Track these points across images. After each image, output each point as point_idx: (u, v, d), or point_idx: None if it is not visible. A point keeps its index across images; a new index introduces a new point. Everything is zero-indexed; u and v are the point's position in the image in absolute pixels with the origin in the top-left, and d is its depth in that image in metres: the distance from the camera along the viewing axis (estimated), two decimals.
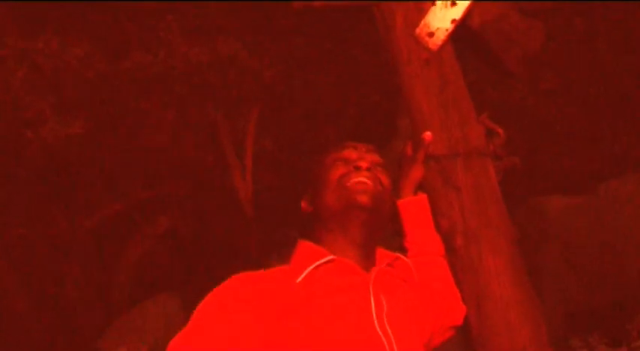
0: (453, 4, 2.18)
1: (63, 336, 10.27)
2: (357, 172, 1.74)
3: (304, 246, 1.75)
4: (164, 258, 11.91)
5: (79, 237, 10.87)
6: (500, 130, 2.22)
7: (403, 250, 2.05)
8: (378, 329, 1.57)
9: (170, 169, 10.93)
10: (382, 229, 1.80)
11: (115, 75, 8.85)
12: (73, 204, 10.89)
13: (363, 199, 1.70)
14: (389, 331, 1.59)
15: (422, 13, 2.20)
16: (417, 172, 2.09)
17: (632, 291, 6.43)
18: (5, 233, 10.28)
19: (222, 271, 1.70)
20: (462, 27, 2.23)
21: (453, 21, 2.18)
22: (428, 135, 2.09)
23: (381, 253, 1.80)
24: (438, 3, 2.18)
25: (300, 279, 1.61)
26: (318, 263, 1.65)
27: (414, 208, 2.07)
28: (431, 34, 2.18)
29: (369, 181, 1.73)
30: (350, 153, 1.81)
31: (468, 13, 2.21)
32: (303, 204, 1.85)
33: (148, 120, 9.63)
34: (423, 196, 2.10)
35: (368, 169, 1.75)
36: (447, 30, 2.18)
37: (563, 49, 9.23)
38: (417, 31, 2.19)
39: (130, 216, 11.37)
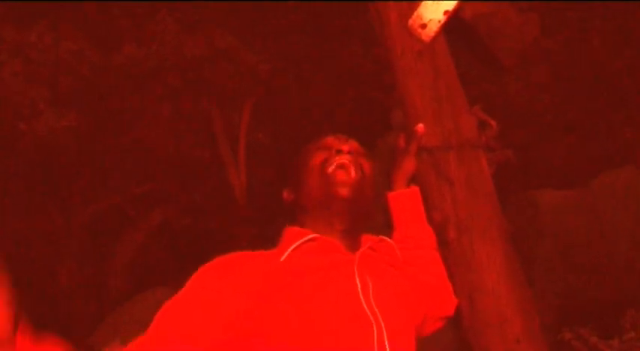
0: None
1: (56, 330, 10.25)
2: (339, 155, 1.75)
3: (289, 230, 1.76)
4: (158, 252, 11.91)
5: (73, 231, 10.86)
6: (492, 122, 2.22)
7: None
8: (366, 308, 1.58)
9: (164, 163, 10.91)
10: (366, 216, 1.80)
11: (108, 69, 8.83)
12: (67, 198, 10.88)
13: (343, 191, 1.70)
14: (376, 310, 1.59)
15: (415, 6, 2.20)
16: (409, 165, 2.09)
17: (624, 284, 6.45)
18: None
19: None
20: (454, 19, 2.22)
21: (446, 12, 2.17)
22: (420, 127, 2.09)
23: (365, 238, 1.80)
24: None
25: (283, 257, 1.63)
26: (301, 241, 1.66)
27: (405, 200, 2.06)
28: (423, 26, 2.18)
29: (351, 168, 1.73)
30: (331, 141, 1.81)
31: (461, 5, 2.21)
32: (285, 194, 1.86)
33: (142, 114, 9.62)
34: (415, 189, 2.09)
35: (349, 153, 1.76)
36: (439, 22, 2.18)
37: (556, 43, 9.23)
38: (410, 22, 2.19)
39: (124, 210, 11.37)
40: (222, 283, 1.56)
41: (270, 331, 1.50)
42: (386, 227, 2.07)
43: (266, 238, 1.84)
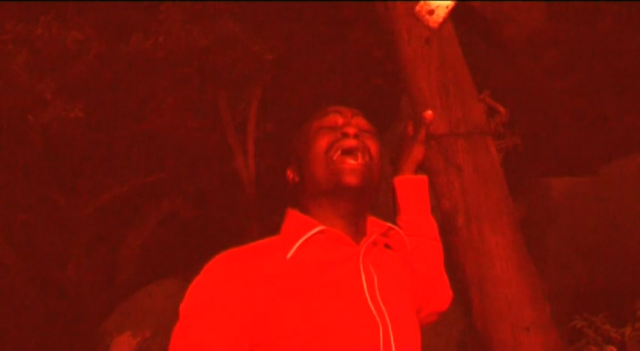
0: None
1: (68, 319, 10.32)
2: (345, 139, 1.66)
3: (293, 216, 1.69)
4: (167, 241, 11.94)
5: (82, 221, 10.89)
6: (502, 109, 2.19)
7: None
8: (371, 304, 1.55)
9: (172, 152, 10.93)
10: (372, 199, 1.73)
11: (115, 59, 8.83)
12: (76, 188, 10.91)
13: (351, 180, 1.62)
14: (381, 305, 1.56)
15: None
16: (418, 152, 2.05)
17: (636, 271, 6.41)
18: (8, 218, 10.30)
19: None
20: (462, 5, 2.19)
21: None
22: (428, 114, 2.05)
23: (372, 222, 1.74)
24: None
25: (290, 254, 1.57)
26: (307, 236, 1.60)
27: (411, 186, 2.02)
28: (431, 12, 2.15)
29: (358, 153, 1.65)
30: (335, 118, 1.73)
31: None
32: (288, 174, 1.77)
33: (149, 104, 9.62)
34: (422, 178, 2.05)
35: (355, 136, 1.67)
36: (447, 7, 2.15)
37: (565, 28, 9.17)
38: (417, 8, 2.16)
39: (133, 200, 11.39)
40: (229, 288, 1.50)
41: (276, 331, 1.46)
42: (395, 213, 2.04)
43: (274, 226, 1.78)
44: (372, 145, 1.70)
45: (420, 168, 2.08)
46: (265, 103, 11.04)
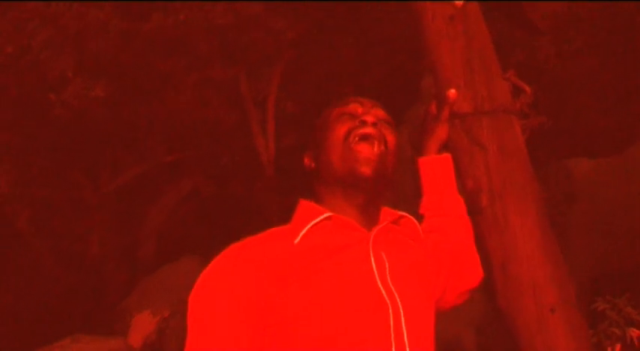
0: None
1: (90, 296, 10.42)
2: (363, 126, 1.68)
3: (304, 205, 1.71)
4: (187, 219, 12.00)
5: (103, 199, 10.97)
6: (527, 88, 2.17)
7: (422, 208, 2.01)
8: (380, 286, 1.54)
9: (192, 131, 10.95)
10: (386, 190, 1.74)
11: (136, 37, 8.83)
12: (97, 166, 10.97)
13: (366, 170, 1.64)
14: (392, 287, 1.55)
15: None
16: (441, 131, 2.05)
17: None
18: (31, 195, 10.39)
19: (244, 232, 1.67)
20: None
21: None
22: (452, 92, 2.04)
23: (385, 211, 1.74)
24: None
25: (297, 239, 1.58)
26: (314, 222, 1.60)
27: (436, 166, 2.02)
28: None
29: (374, 141, 1.67)
30: (355, 107, 1.74)
31: None
32: (306, 160, 1.79)
33: (170, 82, 9.63)
34: (447, 156, 2.05)
35: (374, 124, 1.68)
36: None
37: (589, 9, 9.07)
38: None
39: (153, 178, 11.44)
40: (237, 283, 1.50)
41: (285, 315, 1.47)
42: (415, 198, 2.03)
43: (293, 205, 1.78)
44: (390, 136, 1.72)
45: (444, 147, 2.07)
46: (286, 81, 11.03)
